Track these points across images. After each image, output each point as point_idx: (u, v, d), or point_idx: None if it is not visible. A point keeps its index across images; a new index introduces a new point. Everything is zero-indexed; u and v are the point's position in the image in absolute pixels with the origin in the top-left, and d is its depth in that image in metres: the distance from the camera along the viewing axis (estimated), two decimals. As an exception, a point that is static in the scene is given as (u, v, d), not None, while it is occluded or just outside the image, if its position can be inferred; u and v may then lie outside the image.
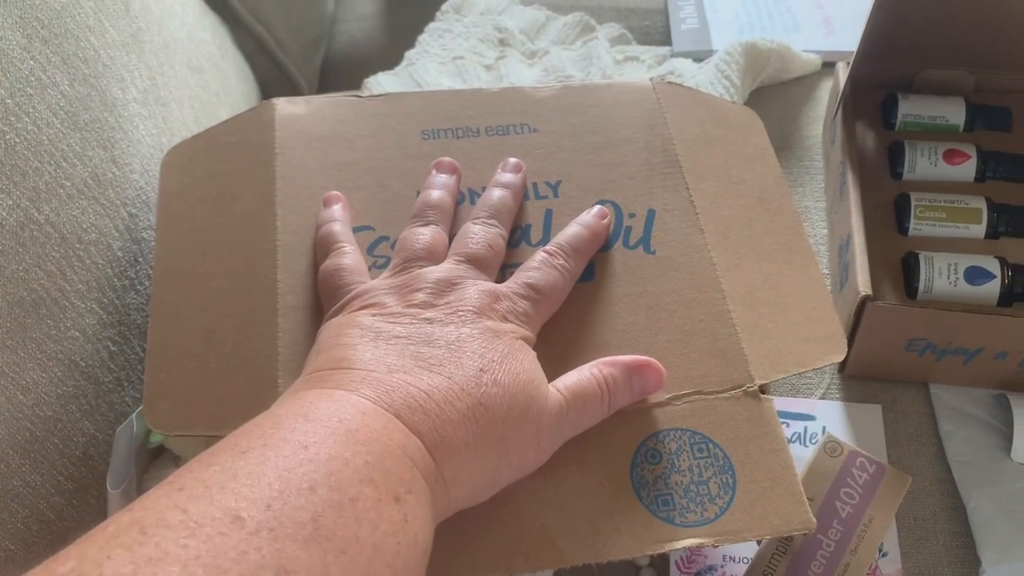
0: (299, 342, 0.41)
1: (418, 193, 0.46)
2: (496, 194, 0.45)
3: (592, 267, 0.44)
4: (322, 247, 0.43)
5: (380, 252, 0.44)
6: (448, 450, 0.33)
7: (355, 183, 0.46)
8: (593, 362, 0.39)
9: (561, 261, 0.42)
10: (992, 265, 0.52)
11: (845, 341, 0.44)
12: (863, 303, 0.50)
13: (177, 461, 0.47)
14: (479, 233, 0.42)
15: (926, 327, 0.51)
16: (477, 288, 0.39)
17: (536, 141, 0.49)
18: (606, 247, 0.45)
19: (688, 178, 0.48)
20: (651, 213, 0.47)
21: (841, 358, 0.44)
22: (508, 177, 0.46)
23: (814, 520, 0.38)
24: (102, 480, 0.45)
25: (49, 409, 0.41)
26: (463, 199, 0.46)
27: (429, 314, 0.37)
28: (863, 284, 0.51)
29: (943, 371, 0.53)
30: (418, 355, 0.35)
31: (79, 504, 0.44)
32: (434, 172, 0.46)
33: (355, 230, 0.45)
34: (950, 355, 0.52)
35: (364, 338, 0.36)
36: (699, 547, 0.37)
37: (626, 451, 0.39)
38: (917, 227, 0.56)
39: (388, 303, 0.38)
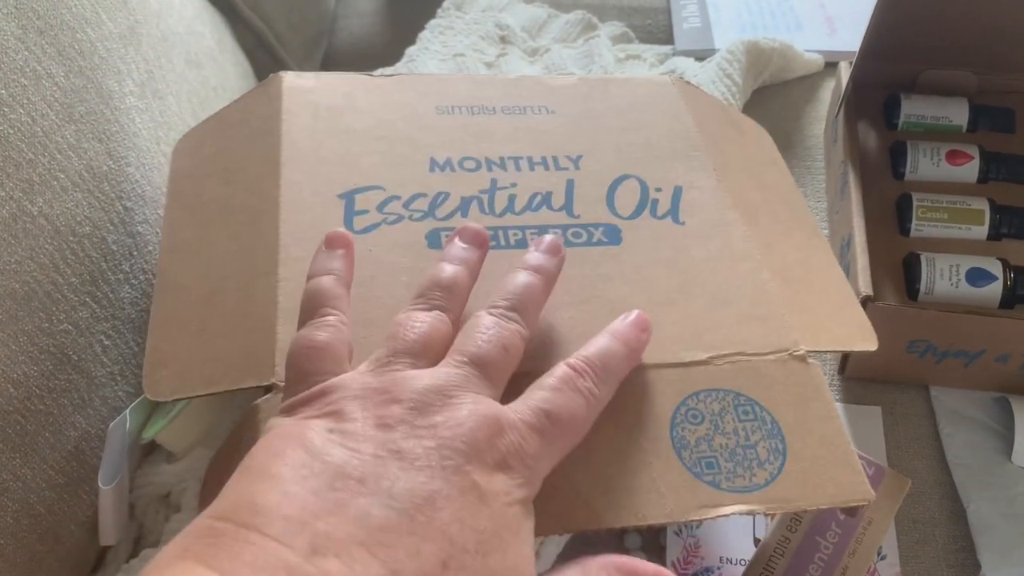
0: (299, 289, 0.37)
1: (432, 160, 0.44)
2: (522, 280, 0.35)
3: (619, 231, 0.42)
4: (306, 306, 0.35)
5: (391, 210, 0.42)
6: None
7: (365, 148, 0.45)
8: (598, 563, 0.30)
9: (588, 384, 0.33)
10: (994, 267, 0.52)
11: (875, 334, 0.42)
12: (864, 304, 0.50)
13: (169, 457, 0.47)
14: (492, 328, 0.33)
15: (927, 329, 0.50)
16: (475, 411, 0.29)
17: (555, 121, 0.47)
18: (633, 215, 0.43)
19: (714, 165, 0.46)
20: (678, 189, 0.45)
21: (874, 348, 0.41)
22: (540, 259, 0.36)
23: (872, 491, 0.35)
24: (94, 475, 0.44)
25: (40, 403, 0.41)
26: (478, 166, 0.44)
27: (402, 442, 0.28)
28: (864, 285, 0.50)
29: (944, 373, 0.53)
30: (364, 518, 0.26)
31: (70, 499, 0.43)
32: (456, 240, 0.37)
33: (364, 189, 0.42)
34: (951, 357, 0.52)
35: (301, 470, 0.27)
36: (749, 514, 0.34)
37: (665, 410, 0.36)
38: (919, 228, 0.55)
39: (353, 415, 0.29)
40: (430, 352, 0.32)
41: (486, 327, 0.33)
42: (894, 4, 0.55)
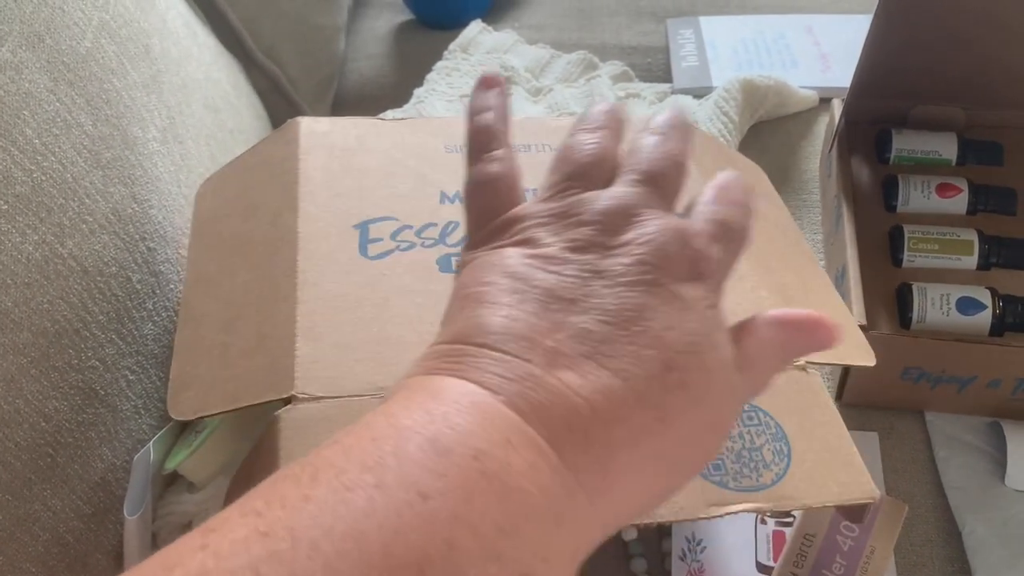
0: (317, 310, 0.40)
1: (442, 193, 0.46)
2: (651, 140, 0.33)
3: None
4: (472, 146, 0.34)
5: (403, 238, 0.44)
6: (608, 487, 0.25)
7: (377, 183, 0.47)
8: (769, 322, 0.31)
9: (739, 196, 0.33)
10: (984, 296, 0.54)
11: (872, 351, 0.44)
12: (858, 333, 0.52)
13: (190, 487, 0.49)
14: (659, 146, 0.32)
15: (920, 356, 0.52)
16: (663, 225, 0.29)
17: None
18: None
19: None
20: None
21: (872, 363, 0.43)
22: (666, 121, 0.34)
23: (877, 490, 0.37)
24: (120, 506, 0.46)
25: (70, 436, 0.43)
26: None
27: (599, 262, 0.28)
28: (858, 314, 0.52)
29: (938, 399, 0.54)
30: (584, 334, 0.26)
31: (97, 529, 0.45)
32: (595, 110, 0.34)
33: (376, 220, 0.45)
34: (944, 383, 0.53)
35: (514, 295, 0.27)
36: (756, 512, 0.36)
37: None
38: (911, 258, 0.57)
39: (545, 240, 0.29)
40: (603, 172, 0.32)
41: (653, 145, 0.32)
42: (884, 43, 0.57)
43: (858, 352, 0.44)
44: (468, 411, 0.24)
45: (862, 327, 0.51)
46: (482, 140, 0.34)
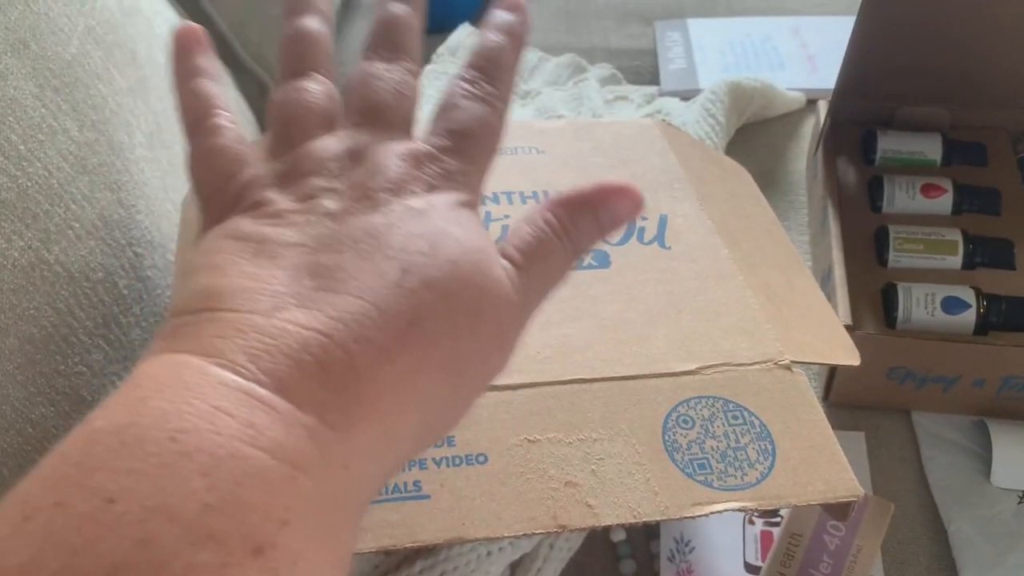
0: None
1: None
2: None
3: (607, 256, 0.45)
4: (190, 115, 0.33)
5: None
6: (369, 411, 0.24)
7: None
8: (541, 206, 0.31)
9: (486, 87, 0.31)
10: (968, 295, 0.54)
11: (857, 351, 0.44)
12: (843, 333, 0.52)
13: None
14: (381, 74, 0.31)
15: (906, 356, 0.52)
16: (391, 154, 0.29)
17: (544, 160, 0.51)
18: (621, 242, 0.46)
19: (697, 195, 0.49)
20: (663, 217, 0.47)
21: (857, 363, 0.44)
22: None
23: (861, 488, 0.37)
24: (107, 511, 0.46)
25: (57, 442, 0.43)
26: None
27: (332, 205, 0.27)
28: (844, 314, 0.53)
29: (924, 399, 0.55)
30: (317, 269, 0.25)
31: (85, 534, 0.45)
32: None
33: None
34: (930, 383, 0.54)
35: (243, 255, 0.26)
36: (741, 510, 0.36)
37: (656, 417, 0.38)
38: (896, 259, 0.58)
39: (274, 199, 0.28)
40: (328, 117, 0.32)
41: (376, 74, 0.31)
42: (868, 43, 0.58)
43: (843, 352, 0.44)
44: (169, 389, 0.21)
45: (848, 327, 0.52)
46: (203, 107, 0.33)
